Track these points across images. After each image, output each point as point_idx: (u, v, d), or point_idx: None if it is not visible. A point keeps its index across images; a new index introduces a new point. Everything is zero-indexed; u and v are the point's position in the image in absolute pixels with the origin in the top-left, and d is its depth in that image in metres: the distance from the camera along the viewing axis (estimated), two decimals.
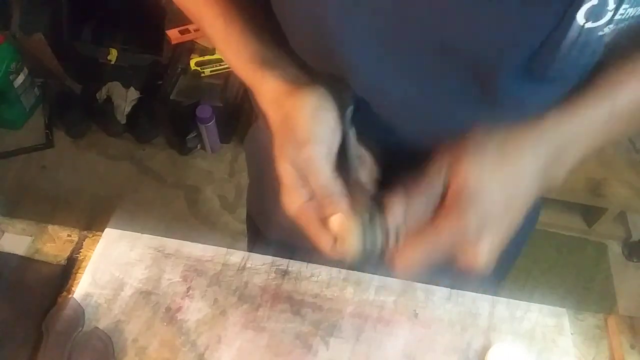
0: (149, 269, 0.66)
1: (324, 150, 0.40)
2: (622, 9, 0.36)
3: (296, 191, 0.41)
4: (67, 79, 2.07)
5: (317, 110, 0.41)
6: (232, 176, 1.98)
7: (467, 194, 0.38)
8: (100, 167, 1.98)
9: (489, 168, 0.39)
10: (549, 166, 0.41)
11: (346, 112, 0.42)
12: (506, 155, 0.40)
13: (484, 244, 0.39)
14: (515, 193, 0.40)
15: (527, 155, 0.40)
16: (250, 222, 0.85)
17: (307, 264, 0.67)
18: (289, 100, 0.42)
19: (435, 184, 0.40)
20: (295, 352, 0.60)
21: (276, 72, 0.45)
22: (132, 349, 0.59)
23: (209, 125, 1.89)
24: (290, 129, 0.41)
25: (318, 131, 0.40)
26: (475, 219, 0.38)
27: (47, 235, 0.69)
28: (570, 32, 0.36)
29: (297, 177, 0.41)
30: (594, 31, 0.37)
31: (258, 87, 0.46)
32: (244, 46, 0.47)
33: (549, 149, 0.40)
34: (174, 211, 1.87)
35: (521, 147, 0.40)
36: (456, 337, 0.63)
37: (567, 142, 0.41)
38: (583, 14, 0.35)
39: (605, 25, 0.37)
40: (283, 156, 0.41)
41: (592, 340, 0.64)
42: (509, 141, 0.40)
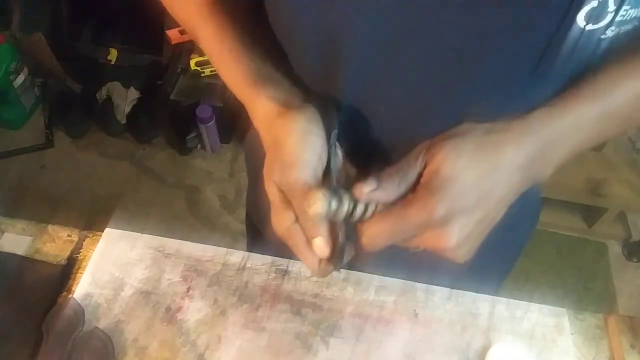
0: (149, 269, 0.66)
1: (308, 174, 0.41)
2: (622, 11, 0.35)
3: (283, 213, 0.42)
4: (67, 79, 2.07)
5: (304, 134, 0.42)
6: (232, 176, 1.98)
7: (439, 180, 0.38)
8: (100, 167, 1.98)
9: (465, 157, 0.38)
10: (533, 162, 0.40)
11: (331, 136, 0.43)
12: (486, 146, 0.39)
13: (452, 231, 0.38)
14: (491, 185, 0.39)
15: (509, 149, 0.39)
16: (249, 222, 0.85)
17: None
18: (279, 122, 0.43)
19: (411, 168, 0.40)
20: (295, 352, 0.60)
21: (269, 91, 0.45)
22: (132, 349, 0.59)
23: (209, 125, 1.89)
24: (278, 151, 0.42)
25: (304, 156, 0.41)
26: (445, 202, 0.37)
27: (47, 235, 0.69)
28: (570, 35, 0.36)
29: (283, 199, 0.42)
30: (595, 33, 0.37)
31: (251, 106, 0.46)
32: (237, 65, 0.47)
33: (533, 145, 0.40)
34: (174, 211, 1.87)
35: (503, 141, 0.40)
36: (456, 337, 0.63)
37: (554, 140, 0.41)
38: (583, 16, 0.35)
39: (607, 27, 0.36)
40: (270, 178, 0.42)
41: (592, 340, 0.64)
42: (492, 133, 0.40)
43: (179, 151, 2.02)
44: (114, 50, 2.07)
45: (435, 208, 0.37)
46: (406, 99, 0.45)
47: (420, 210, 0.38)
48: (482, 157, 0.39)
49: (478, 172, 0.38)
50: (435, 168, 0.39)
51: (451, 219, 0.38)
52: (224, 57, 0.48)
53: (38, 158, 1.98)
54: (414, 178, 0.40)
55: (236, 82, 0.47)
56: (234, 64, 0.48)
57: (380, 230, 0.40)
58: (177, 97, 1.98)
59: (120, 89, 1.97)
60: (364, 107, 0.47)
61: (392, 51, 0.41)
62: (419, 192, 0.39)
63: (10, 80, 1.90)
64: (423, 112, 0.45)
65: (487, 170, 0.39)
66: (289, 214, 0.42)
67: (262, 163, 0.44)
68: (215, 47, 0.49)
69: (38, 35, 1.93)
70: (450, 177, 0.38)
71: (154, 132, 2.03)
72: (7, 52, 1.86)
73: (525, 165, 0.40)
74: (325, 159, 0.42)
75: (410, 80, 0.43)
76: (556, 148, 0.41)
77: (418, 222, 0.38)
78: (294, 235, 0.42)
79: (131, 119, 1.98)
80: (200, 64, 1.96)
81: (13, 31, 1.98)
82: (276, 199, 0.42)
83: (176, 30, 1.96)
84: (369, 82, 0.44)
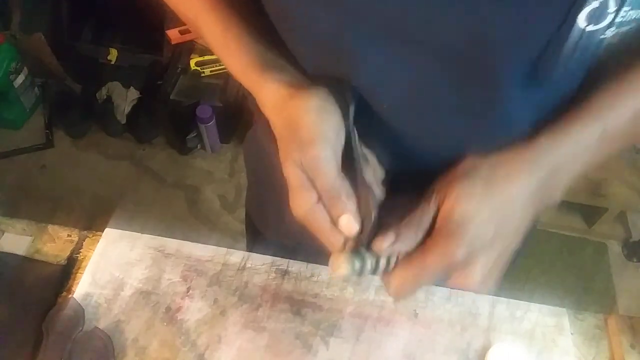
0: (149, 269, 0.66)
1: (329, 150, 0.40)
2: (623, 12, 0.35)
3: (304, 193, 0.41)
4: (67, 79, 2.07)
5: (320, 111, 0.41)
6: (232, 176, 1.98)
7: (455, 219, 0.38)
8: (100, 167, 1.98)
9: (477, 195, 0.39)
10: (542, 189, 0.40)
11: (349, 112, 0.43)
12: (496, 181, 0.40)
13: (475, 268, 0.39)
14: (506, 218, 0.39)
15: (519, 180, 0.40)
16: (249, 222, 0.85)
17: (307, 264, 0.67)
18: (292, 103, 0.42)
19: (425, 213, 0.40)
20: (295, 352, 0.60)
21: (277, 76, 0.44)
22: (132, 349, 0.59)
23: (209, 125, 1.89)
24: (294, 131, 0.41)
25: (323, 132, 0.40)
26: (463, 245, 0.38)
27: (47, 235, 0.69)
28: (571, 36, 0.36)
29: (304, 178, 0.41)
30: (595, 34, 0.37)
31: (259, 92, 0.45)
32: (244, 51, 0.47)
33: (542, 173, 0.40)
34: (174, 211, 1.87)
35: (512, 173, 0.40)
36: (456, 337, 0.63)
37: (561, 164, 0.41)
38: (584, 17, 0.35)
39: (607, 28, 0.36)
40: (288, 158, 0.41)
41: (592, 340, 0.64)
42: (500, 166, 0.40)
43: (179, 151, 2.02)
44: (114, 50, 2.07)
45: (454, 252, 0.38)
46: (408, 97, 0.45)
47: (440, 256, 0.38)
48: (493, 193, 0.39)
49: (491, 208, 0.39)
50: (448, 212, 0.39)
51: (472, 258, 0.39)
52: (229, 44, 0.47)
53: (38, 158, 1.98)
54: (428, 223, 0.40)
55: (243, 69, 0.46)
56: (240, 50, 0.47)
57: (405, 280, 0.40)
58: (177, 97, 1.98)
59: (120, 89, 1.97)
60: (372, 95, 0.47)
61: (393, 49, 0.41)
62: (436, 238, 0.39)
63: (10, 80, 1.90)
64: (425, 109, 0.45)
65: (500, 205, 0.39)
66: (311, 194, 0.41)
67: (263, 162, 0.44)
68: (219, 36, 0.48)
69: (38, 35, 1.93)
70: (465, 220, 0.38)
71: (154, 132, 2.02)
72: (7, 52, 1.86)
73: (536, 193, 0.40)
74: (343, 137, 0.42)
75: (412, 78, 0.43)
76: (564, 171, 0.42)
77: (439, 268, 0.39)
78: (317, 215, 0.41)
79: (131, 119, 1.98)
80: (200, 64, 1.96)
81: (13, 31, 1.97)
82: (296, 180, 0.41)
83: (176, 30, 1.96)
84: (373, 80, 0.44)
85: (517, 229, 0.41)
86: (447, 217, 0.39)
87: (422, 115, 0.46)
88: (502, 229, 0.39)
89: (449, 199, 0.39)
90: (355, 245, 0.40)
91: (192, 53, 2.00)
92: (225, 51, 0.48)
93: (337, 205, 0.40)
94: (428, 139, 0.47)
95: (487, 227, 0.39)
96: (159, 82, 2.00)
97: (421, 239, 0.40)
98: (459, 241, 0.38)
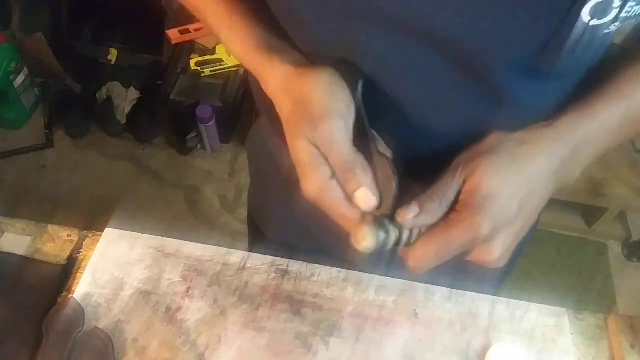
0: (149, 269, 0.66)
1: (342, 123, 0.39)
2: (627, 7, 0.35)
3: (317, 170, 0.40)
4: (67, 79, 2.07)
5: (330, 86, 0.41)
6: (232, 176, 1.98)
7: (482, 195, 0.38)
8: (100, 167, 1.98)
9: (503, 171, 0.39)
10: (564, 166, 0.41)
11: (358, 87, 0.42)
12: (521, 157, 0.40)
13: (497, 243, 0.39)
14: (529, 194, 0.40)
15: (542, 157, 0.40)
16: (251, 222, 0.85)
17: (307, 264, 0.67)
18: (300, 80, 0.42)
19: (450, 188, 0.40)
20: (295, 352, 0.60)
21: (284, 57, 0.44)
22: (132, 349, 0.59)
23: (209, 125, 1.89)
24: (304, 107, 0.40)
25: (334, 105, 0.40)
26: (488, 220, 0.38)
27: (47, 235, 0.69)
28: (575, 30, 0.36)
29: (316, 154, 0.40)
30: (599, 29, 0.37)
31: (265, 74, 0.45)
32: (249, 33, 0.47)
33: (564, 150, 0.40)
34: (174, 211, 1.87)
35: (537, 149, 0.40)
36: (456, 337, 0.63)
37: (583, 143, 0.41)
38: (588, 11, 0.35)
39: (611, 23, 0.36)
40: (299, 135, 0.40)
41: (592, 340, 0.64)
42: (525, 143, 0.40)
43: (179, 151, 2.02)
44: (114, 50, 2.06)
45: (480, 227, 0.38)
46: (411, 86, 0.45)
47: (465, 230, 0.38)
48: (518, 170, 0.39)
49: (516, 185, 0.39)
50: (475, 186, 0.39)
51: (495, 233, 0.39)
52: (234, 29, 0.47)
53: (38, 158, 1.98)
54: (453, 196, 0.40)
55: (248, 50, 0.46)
56: (245, 32, 0.47)
57: (427, 253, 0.39)
58: (177, 97, 1.97)
59: (120, 89, 1.97)
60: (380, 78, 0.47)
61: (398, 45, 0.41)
62: (461, 212, 0.39)
63: (10, 80, 1.90)
64: (428, 98, 0.45)
65: (524, 182, 0.39)
66: (324, 170, 0.39)
67: (265, 160, 0.43)
68: (225, 19, 0.48)
69: (38, 35, 1.93)
70: (491, 194, 0.38)
71: (154, 132, 2.03)
72: (7, 52, 1.86)
73: (558, 171, 0.40)
74: (353, 110, 0.41)
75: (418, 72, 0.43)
76: (585, 151, 0.42)
77: (464, 242, 0.39)
78: (331, 192, 0.40)
79: (131, 119, 1.98)
80: (200, 64, 1.96)
81: (13, 31, 1.97)
82: (308, 156, 0.40)
83: (176, 30, 1.96)
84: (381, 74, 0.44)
85: (537, 207, 0.41)
86: (474, 191, 0.39)
87: (426, 103, 0.46)
88: (525, 206, 0.39)
89: (476, 173, 0.39)
90: (376, 218, 0.39)
91: (192, 53, 2.00)
92: (231, 34, 0.48)
93: (353, 180, 0.38)
94: (433, 127, 0.47)
95: (512, 203, 0.39)
96: (159, 82, 2.00)
97: (445, 212, 0.40)
98: (485, 215, 0.38)
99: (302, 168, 0.40)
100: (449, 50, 0.40)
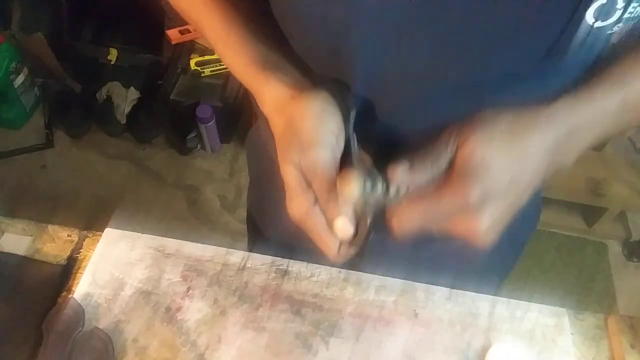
0: (149, 268, 0.66)
1: (328, 154, 0.40)
2: (631, 8, 0.35)
3: (301, 195, 0.41)
4: (67, 79, 2.07)
5: (321, 114, 0.41)
6: (232, 176, 1.98)
7: (473, 165, 0.38)
8: (100, 167, 1.98)
9: (497, 142, 0.38)
10: (558, 148, 0.40)
11: (349, 117, 0.43)
12: (515, 131, 0.39)
13: (484, 216, 0.38)
14: (521, 170, 0.39)
15: (537, 134, 0.39)
16: (250, 222, 0.85)
17: (307, 264, 0.67)
18: (293, 104, 0.42)
19: (442, 153, 0.40)
20: (295, 352, 0.60)
21: (278, 76, 0.44)
22: (132, 349, 0.59)
23: (209, 125, 1.89)
24: (294, 132, 0.41)
25: (323, 135, 0.40)
26: (477, 190, 0.37)
27: (47, 235, 0.69)
28: (579, 31, 0.36)
29: (301, 180, 0.41)
30: (603, 30, 0.37)
31: (260, 92, 0.46)
32: (245, 50, 0.47)
33: (559, 131, 0.40)
34: (174, 211, 1.87)
35: (531, 126, 0.40)
36: (456, 337, 0.63)
37: (579, 126, 0.41)
38: (592, 13, 0.35)
39: (614, 24, 0.36)
40: (287, 160, 0.41)
41: (592, 340, 0.64)
42: (520, 119, 0.40)
43: (179, 151, 2.02)
44: (114, 50, 2.07)
45: (470, 192, 0.37)
46: (415, 89, 0.45)
47: (454, 194, 0.38)
48: (512, 142, 0.39)
49: (509, 157, 0.39)
50: (468, 153, 0.38)
51: (484, 204, 0.38)
52: (231, 44, 0.48)
53: (38, 158, 1.98)
54: (445, 162, 0.40)
55: (244, 68, 0.47)
56: (241, 50, 0.47)
57: (414, 213, 0.39)
58: (177, 97, 1.98)
59: (120, 89, 1.97)
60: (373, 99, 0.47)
61: (399, 44, 0.41)
62: (452, 176, 0.39)
63: (10, 80, 1.90)
64: (427, 105, 0.45)
65: (518, 155, 0.39)
66: (307, 196, 0.41)
67: (265, 160, 0.44)
68: (221, 35, 0.48)
69: (38, 35, 1.93)
70: (484, 162, 0.38)
71: (154, 132, 2.03)
72: (7, 52, 1.86)
73: (553, 150, 0.40)
74: (342, 140, 0.42)
75: (419, 72, 0.43)
76: (581, 134, 0.41)
77: (452, 206, 0.38)
78: (313, 218, 0.41)
79: (131, 119, 1.98)
80: (200, 64, 1.96)
81: (13, 31, 1.98)
82: (294, 181, 0.41)
83: (176, 30, 1.96)
84: (378, 75, 0.44)
85: (529, 185, 0.40)
86: (466, 159, 0.38)
87: (424, 111, 0.46)
88: (516, 181, 0.39)
89: (468, 142, 0.39)
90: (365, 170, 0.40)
91: (192, 53, 2.00)
92: (226, 50, 0.48)
93: (333, 208, 0.40)
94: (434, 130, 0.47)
95: (504, 175, 0.38)
96: (159, 82, 2.00)
97: (434, 176, 0.40)
98: (476, 181, 0.37)
99: (288, 191, 0.42)
100: (450, 50, 0.40)
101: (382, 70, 0.43)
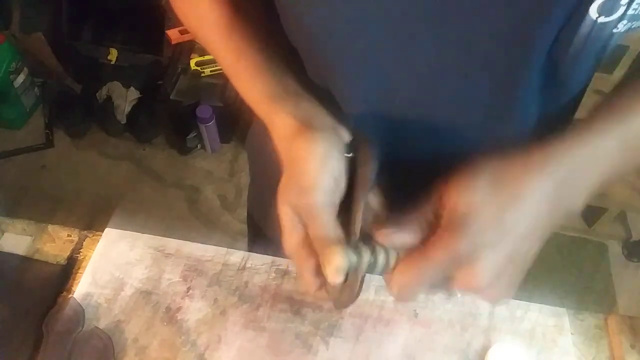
0: (149, 268, 0.66)
1: (326, 199, 0.40)
2: (635, 4, 0.35)
3: (293, 235, 0.42)
4: (67, 79, 2.07)
5: (324, 159, 0.40)
6: (232, 176, 1.98)
7: (458, 216, 0.37)
8: (100, 167, 1.98)
9: (482, 190, 0.38)
10: (561, 191, 0.39)
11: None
12: (504, 178, 0.38)
13: (479, 267, 0.37)
14: (514, 217, 0.38)
15: (530, 178, 0.38)
16: (250, 221, 0.85)
17: None
18: (298, 142, 0.42)
19: (428, 206, 0.40)
20: (295, 352, 0.60)
21: (287, 108, 0.44)
22: (132, 348, 0.59)
23: (209, 125, 1.89)
24: (295, 174, 0.41)
25: (323, 180, 0.40)
26: (466, 237, 0.37)
27: (47, 235, 0.69)
28: (583, 26, 0.36)
29: (295, 221, 0.41)
30: (607, 27, 0.37)
31: (270, 122, 0.45)
32: (256, 81, 0.47)
33: (557, 174, 0.38)
34: (174, 211, 1.87)
35: (523, 171, 0.38)
36: (456, 337, 0.63)
37: (578, 168, 0.39)
38: (596, 8, 0.35)
39: (618, 20, 0.36)
40: (284, 200, 0.41)
41: (592, 340, 0.64)
42: (508, 166, 0.39)
43: (179, 151, 2.02)
44: (114, 50, 2.06)
45: (457, 244, 0.37)
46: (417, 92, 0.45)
47: (443, 249, 0.37)
48: (499, 190, 0.38)
49: (498, 204, 0.37)
50: (452, 207, 0.38)
51: (478, 255, 0.37)
52: (242, 72, 0.48)
53: (38, 158, 1.98)
54: (431, 217, 0.40)
55: (255, 99, 0.47)
56: (252, 79, 0.47)
57: (409, 277, 0.38)
58: (177, 97, 1.97)
59: (120, 89, 1.97)
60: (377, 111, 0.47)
61: (399, 44, 0.41)
62: (439, 233, 0.38)
63: (11, 80, 1.90)
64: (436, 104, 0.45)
65: (507, 203, 0.37)
66: (299, 235, 0.41)
67: (265, 159, 0.44)
68: (232, 64, 0.49)
69: (38, 35, 1.93)
70: (468, 213, 0.37)
71: (154, 132, 2.02)
72: (7, 52, 1.86)
73: (552, 195, 0.38)
74: (343, 185, 0.42)
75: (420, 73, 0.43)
76: (584, 175, 0.40)
77: (443, 261, 0.37)
78: (302, 257, 0.42)
79: (131, 119, 1.98)
80: (200, 64, 1.96)
81: (13, 31, 1.97)
82: (287, 221, 0.42)
83: (176, 30, 1.96)
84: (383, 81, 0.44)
85: (530, 233, 0.39)
86: (451, 211, 0.38)
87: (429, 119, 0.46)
88: (509, 229, 0.38)
89: (453, 195, 0.38)
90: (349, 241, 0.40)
91: (192, 53, 2.00)
92: (238, 80, 0.49)
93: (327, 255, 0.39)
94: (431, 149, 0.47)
95: (492, 224, 0.37)
96: (159, 82, 2.00)
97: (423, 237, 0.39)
98: (462, 233, 0.37)
99: (281, 228, 0.42)
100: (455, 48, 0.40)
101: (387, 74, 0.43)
